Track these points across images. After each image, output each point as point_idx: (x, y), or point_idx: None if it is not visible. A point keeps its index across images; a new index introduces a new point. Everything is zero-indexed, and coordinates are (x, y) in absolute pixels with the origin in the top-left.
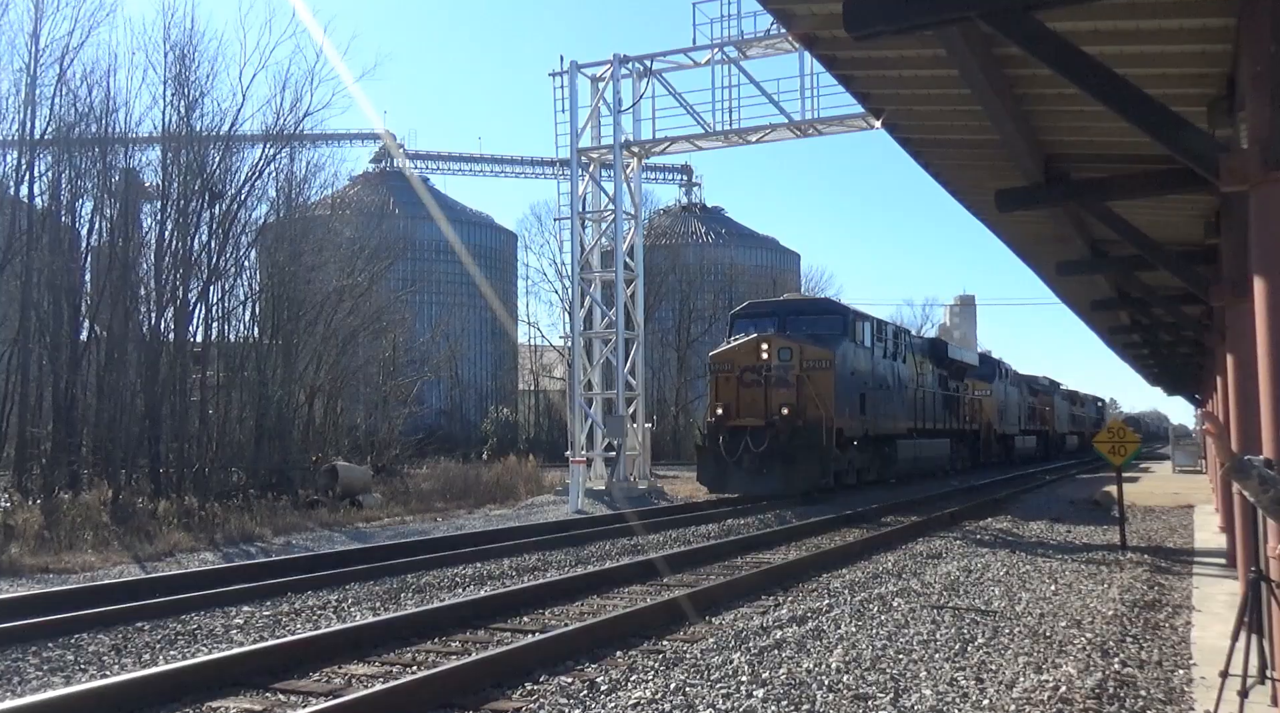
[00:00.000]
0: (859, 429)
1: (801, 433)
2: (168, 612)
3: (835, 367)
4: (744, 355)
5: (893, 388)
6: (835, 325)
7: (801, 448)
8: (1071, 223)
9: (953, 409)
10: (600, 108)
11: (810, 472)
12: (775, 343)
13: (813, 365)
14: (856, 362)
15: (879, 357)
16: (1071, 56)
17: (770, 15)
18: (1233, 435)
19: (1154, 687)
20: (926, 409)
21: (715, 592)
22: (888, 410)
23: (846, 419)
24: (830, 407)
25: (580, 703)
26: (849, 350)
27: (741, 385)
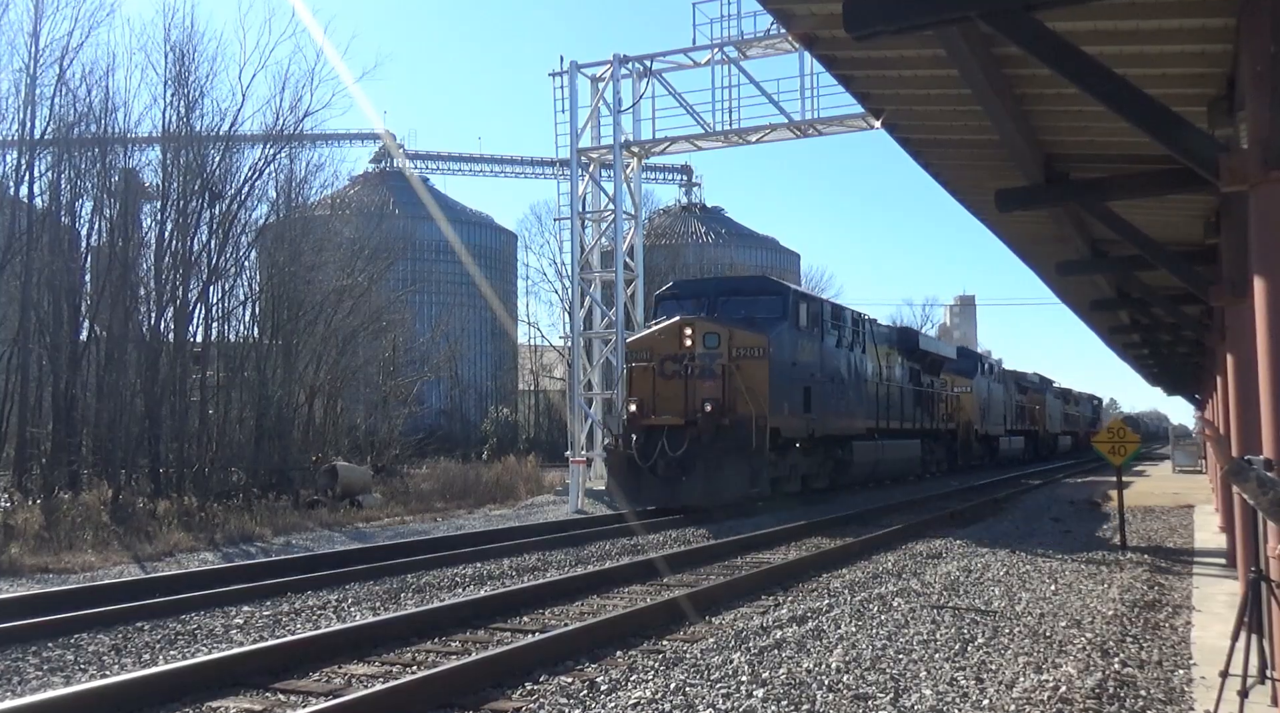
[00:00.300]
0: (802, 429)
1: (728, 433)
2: (168, 612)
3: (771, 355)
4: (664, 342)
5: (848, 382)
6: (774, 307)
7: (728, 451)
8: (1071, 223)
9: (926, 407)
10: (600, 108)
11: (738, 479)
12: (700, 327)
13: (744, 354)
14: (800, 350)
15: (830, 345)
16: (1071, 56)
17: (770, 15)
18: (1233, 435)
19: (1154, 687)
20: (893, 406)
21: (715, 592)
22: (841, 407)
23: (785, 417)
24: (764, 402)
25: (580, 703)
26: (789, 336)
27: (660, 378)
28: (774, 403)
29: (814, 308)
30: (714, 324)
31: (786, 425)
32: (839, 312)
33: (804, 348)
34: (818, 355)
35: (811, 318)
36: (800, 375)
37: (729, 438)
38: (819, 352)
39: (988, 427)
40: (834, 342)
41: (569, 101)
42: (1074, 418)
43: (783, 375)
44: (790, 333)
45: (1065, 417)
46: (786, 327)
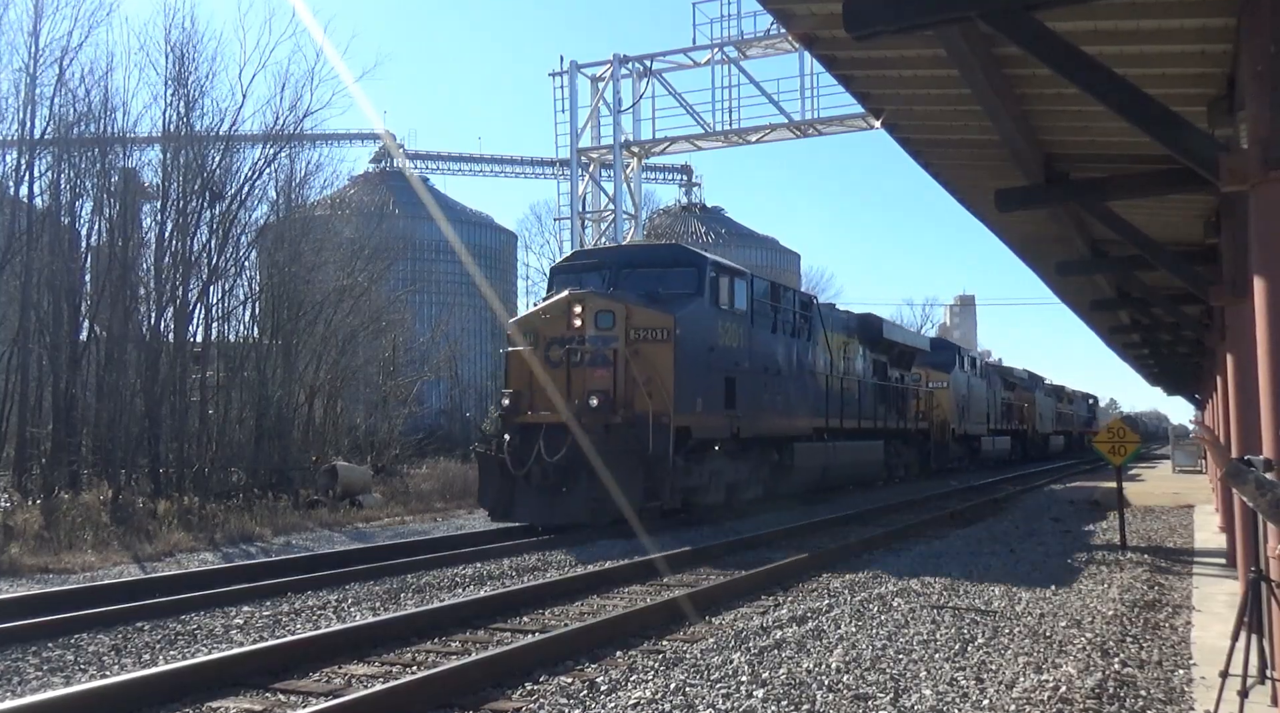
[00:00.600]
0: (723, 428)
1: (620, 433)
2: (168, 612)
3: (678, 338)
4: (550, 323)
5: (789, 374)
6: (687, 281)
7: (619, 455)
8: (1071, 223)
9: (893, 404)
10: (600, 108)
11: (631, 489)
12: (592, 304)
13: (645, 336)
14: (721, 333)
15: (764, 330)
16: (1071, 56)
17: (770, 15)
18: (1233, 435)
19: (1154, 687)
20: (849, 403)
21: (715, 592)
22: (778, 403)
23: (698, 414)
24: (668, 395)
25: (580, 703)
26: (706, 317)
27: (546, 365)
28: (682, 397)
29: (742, 285)
30: (609, 300)
31: (700, 424)
32: (778, 291)
33: (727, 331)
34: (745, 341)
35: (737, 296)
36: (721, 364)
37: (621, 439)
38: (747, 337)
39: (968, 426)
40: (769, 326)
41: (569, 101)
42: (1068, 417)
43: (695, 363)
44: (708, 313)
45: (1058, 416)
46: (703, 305)
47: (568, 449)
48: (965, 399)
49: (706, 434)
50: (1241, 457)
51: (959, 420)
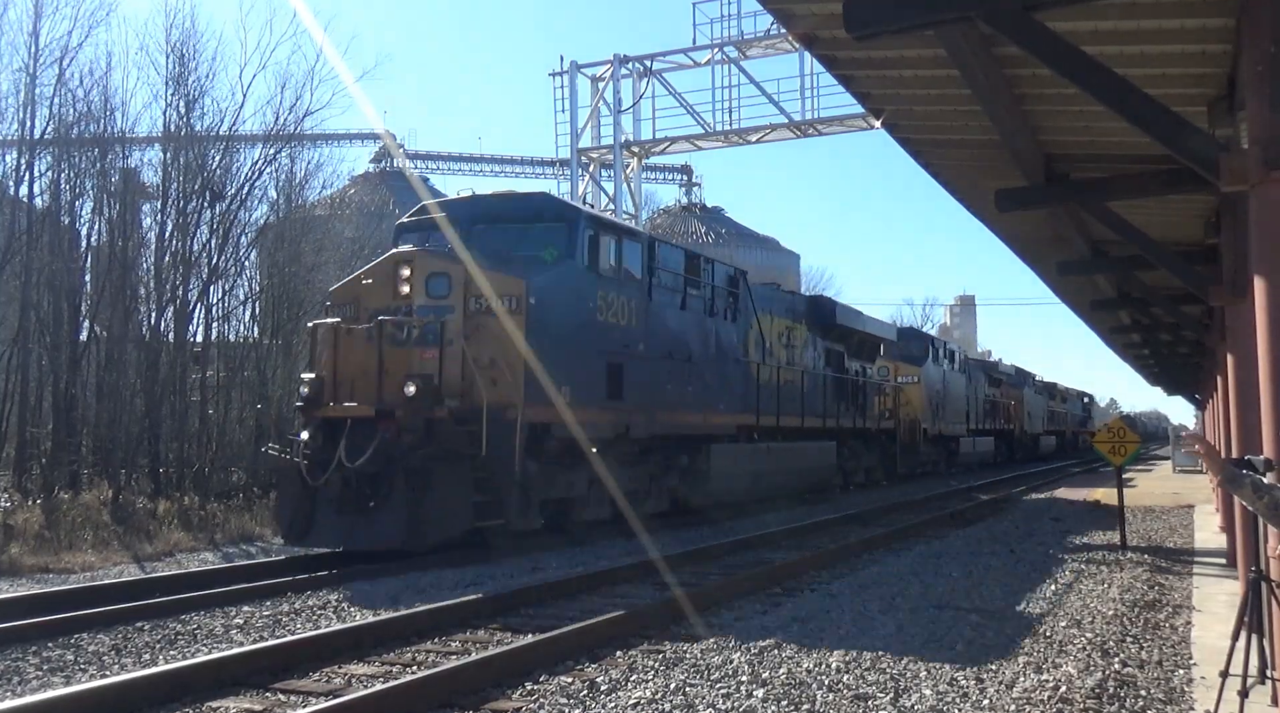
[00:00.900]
0: (605, 425)
1: (445, 431)
2: (168, 612)
3: (534, 309)
4: (373, 290)
5: (704, 360)
6: (555, 240)
7: (445, 461)
8: (1071, 223)
9: (850, 399)
10: (600, 108)
11: (460, 506)
12: (423, 265)
13: (489, 306)
14: (600, 306)
15: (670, 306)
16: (1071, 56)
17: (770, 15)
18: (1233, 435)
19: (1154, 687)
20: (790, 397)
21: (715, 592)
22: (687, 395)
23: (565, 407)
24: (517, 381)
25: (580, 703)
26: (579, 284)
27: (366, 342)
28: (538, 384)
29: (636, 248)
30: (443, 260)
31: (566, 420)
32: (696, 263)
33: (612, 305)
34: (640, 318)
35: (629, 262)
36: (603, 345)
37: (447, 439)
38: (643, 313)
39: (944, 425)
40: (678, 302)
41: (569, 101)
42: (1060, 416)
43: (561, 343)
44: (582, 280)
45: (1050, 415)
46: (574, 269)
47: (374, 451)
48: (940, 396)
49: (578, 432)
50: (1241, 457)
51: (932, 419)
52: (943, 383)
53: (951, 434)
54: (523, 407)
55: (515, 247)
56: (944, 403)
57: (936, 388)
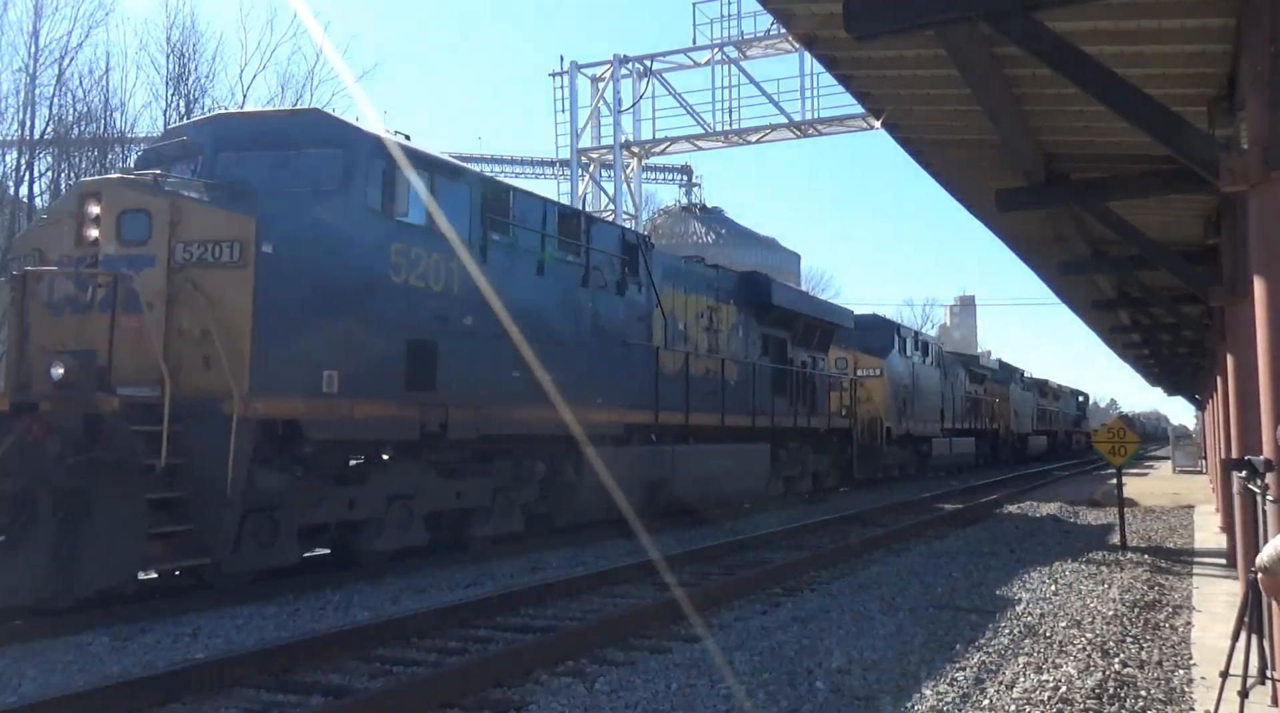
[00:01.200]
0: (401, 423)
1: (115, 434)
2: (168, 612)
3: (265, 261)
4: (53, 232)
5: (572, 341)
6: (327, 171)
7: (102, 478)
8: (1072, 223)
9: (796, 394)
10: (600, 108)
11: (118, 542)
12: (115, 199)
13: (205, 256)
14: (394, 262)
15: (518, 270)
16: (1071, 57)
17: (770, 15)
18: (1233, 436)
19: (1154, 687)
20: (708, 391)
21: (715, 592)
22: (539, 387)
23: (323, 399)
24: (240, 362)
25: (580, 703)
26: (353, 227)
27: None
28: (278, 366)
29: (457, 189)
30: (143, 193)
31: (328, 415)
32: (568, 220)
33: (417, 263)
34: (467, 283)
35: (448, 205)
36: (403, 316)
37: (120, 443)
38: (464, 276)
39: (912, 424)
40: (532, 266)
41: (569, 102)
42: (1052, 415)
43: (327, 308)
44: (362, 225)
45: (1040, 414)
46: (346, 209)
47: (3, 461)
48: (908, 391)
49: (350, 433)
50: (1241, 457)
51: (898, 417)
52: (912, 377)
53: (923, 434)
54: (246, 397)
55: (271, 175)
56: (913, 399)
57: (904, 382)
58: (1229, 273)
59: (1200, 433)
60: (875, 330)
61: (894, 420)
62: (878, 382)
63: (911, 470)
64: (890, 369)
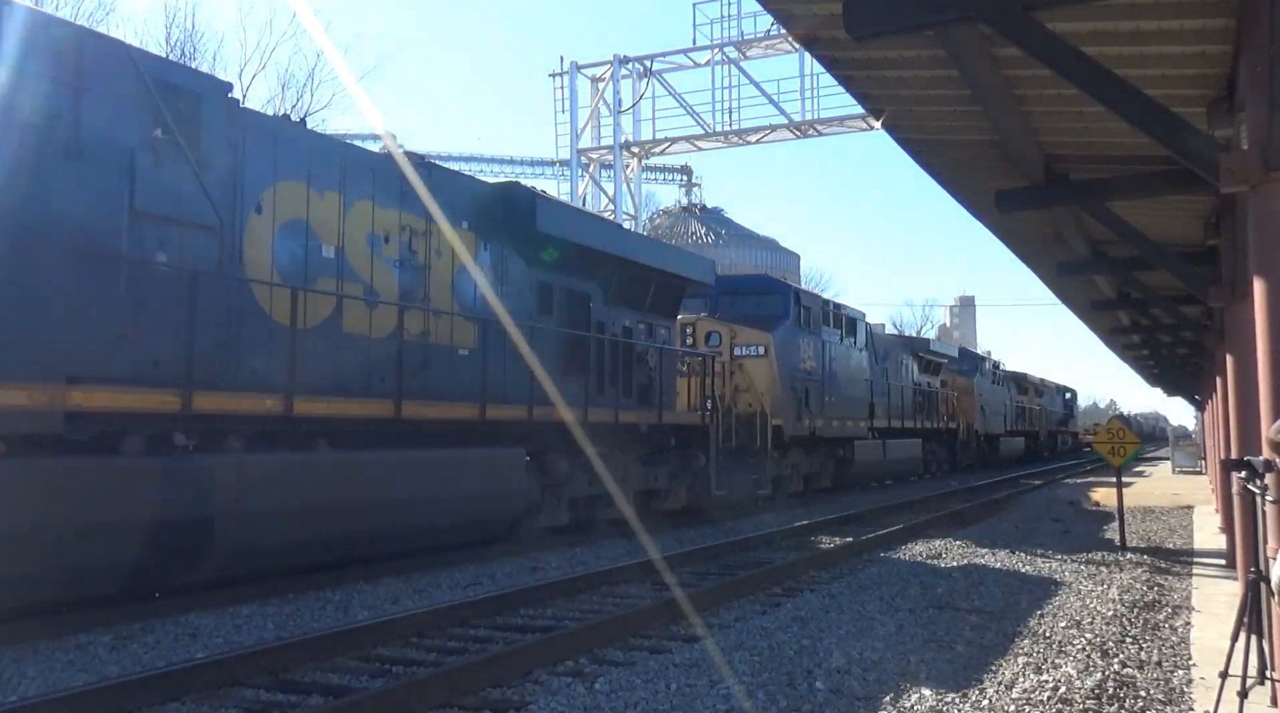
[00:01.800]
0: None
1: None
2: (168, 612)
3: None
4: None
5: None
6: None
7: None
8: (1071, 223)
9: (602, 374)
10: (600, 108)
11: None
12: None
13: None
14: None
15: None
16: (1071, 57)
17: (771, 16)
18: (1233, 436)
19: (1154, 687)
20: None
21: (715, 592)
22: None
23: None
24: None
25: (580, 703)
26: None
27: None
28: None
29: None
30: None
31: None
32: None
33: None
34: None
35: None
36: None
37: None
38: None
39: (821, 421)
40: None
41: (569, 102)
42: (1032, 413)
43: None
44: None
45: (1018, 411)
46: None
47: None
48: (815, 378)
49: None
50: (1241, 458)
51: (797, 412)
52: (820, 360)
53: (840, 435)
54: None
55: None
56: (828, 390)
57: (805, 367)
58: (1228, 273)
59: (1200, 433)
60: (763, 295)
61: (787, 416)
62: (762, 363)
63: (826, 482)
64: (780, 347)
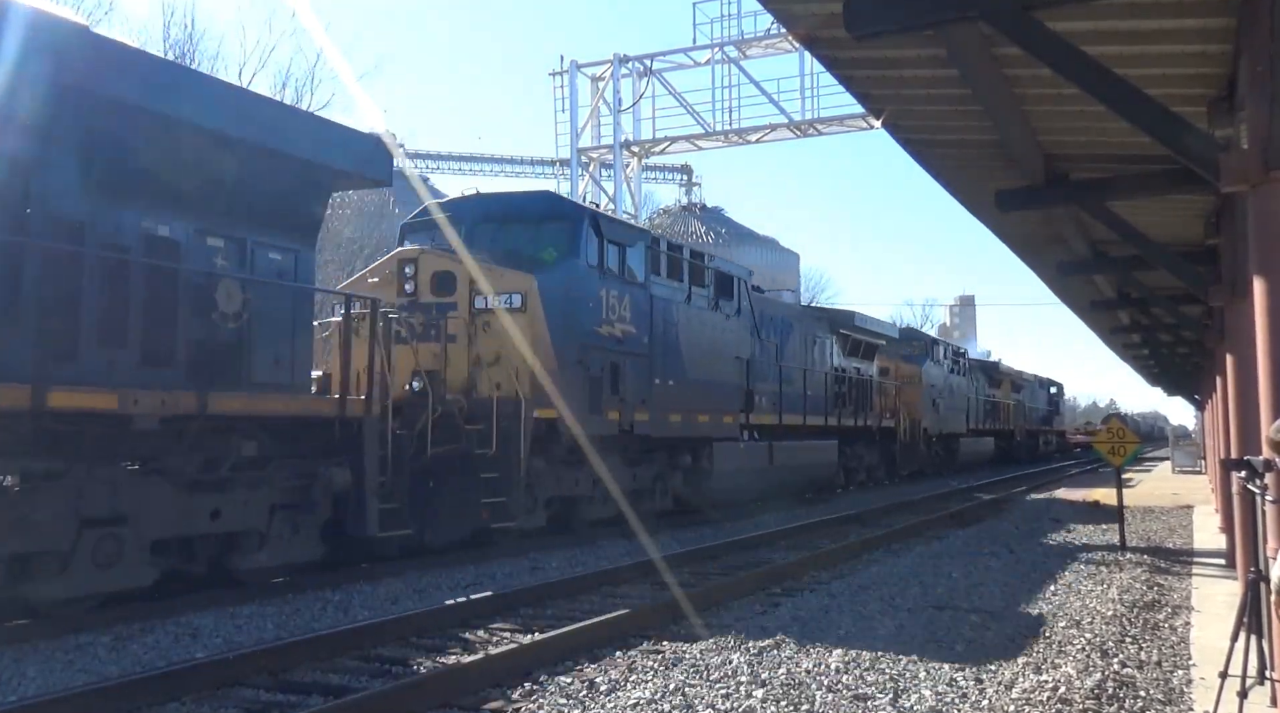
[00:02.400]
0: None
1: None
2: (168, 612)
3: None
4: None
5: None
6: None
7: None
8: (1071, 223)
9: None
10: (600, 108)
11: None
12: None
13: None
14: None
15: None
16: (1071, 57)
17: (771, 15)
18: (1233, 436)
19: (1153, 687)
20: None
21: (715, 592)
22: None
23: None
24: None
25: (580, 703)
26: None
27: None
28: None
29: None
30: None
31: None
32: None
33: None
34: None
35: None
36: None
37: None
38: None
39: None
40: None
41: (569, 101)
42: (1006, 409)
43: None
44: None
45: (990, 407)
46: None
47: None
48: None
49: None
50: (1241, 458)
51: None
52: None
53: (693, 435)
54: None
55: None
56: (655, 368)
57: (608, 331)
58: (1229, 273)
59: (1200, 433)
60: (540, 223)
61: (571, 402)
62: (521, 321)
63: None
64: (556, 298)
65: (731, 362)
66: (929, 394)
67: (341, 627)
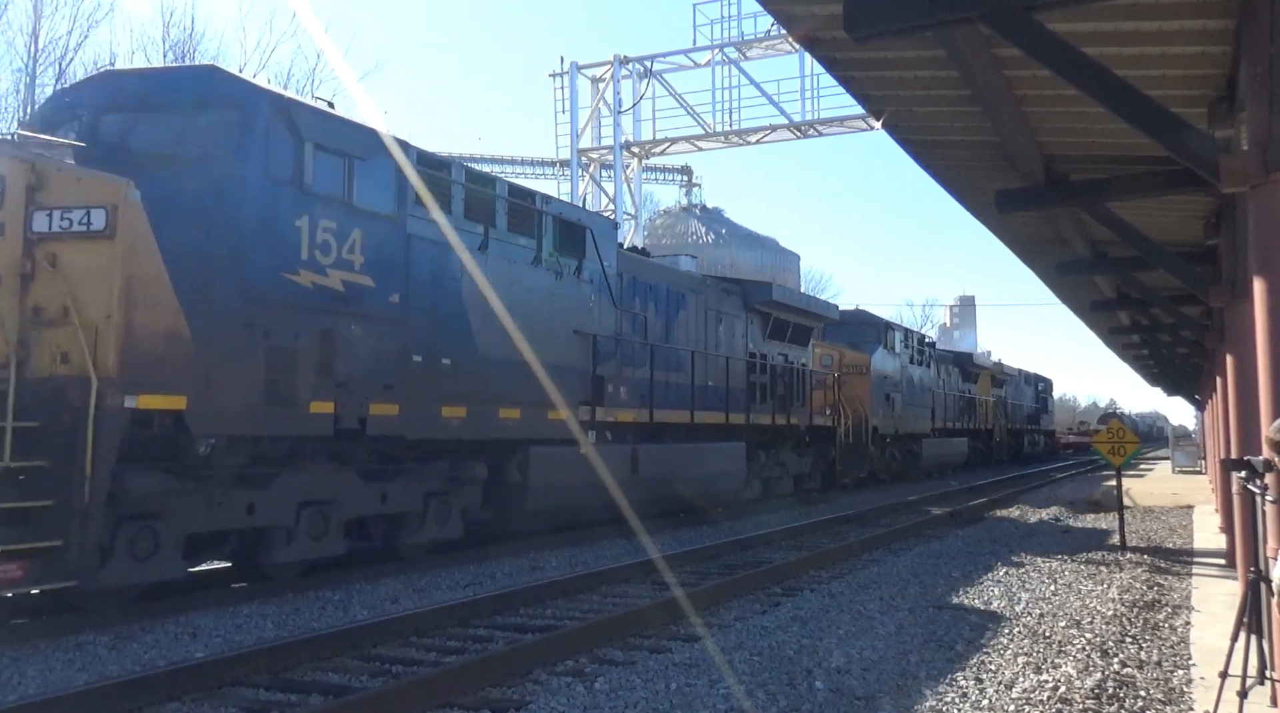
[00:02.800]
0: None
1: None
2: (168, 612)
3: None
4: None
5: None
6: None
7: None
8: (1071, 224)
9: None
10: (600, 108)
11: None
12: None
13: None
14: None
15: None
16: (1071, 58)
17: (771, 16)
18: (1233, 436)
19: (1153, 687)
20: None
21: (715, 592)
22: None
23: None
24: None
25: (580, 703)
26: None
27: None
28: None
29: None
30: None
31: None
32: None
33: None
34: None
35: None
36: None
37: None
38: None
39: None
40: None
41: (569, 102)
42: (983, 407)
43: None
44: None
45: (963, 404)
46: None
47: None
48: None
49: None
50: (1241, 458)
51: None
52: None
53: (492, 436)
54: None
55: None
56: (435, 344)
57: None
58: (1228, 273)
59: (1200, 433)
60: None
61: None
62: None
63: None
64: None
65: (568, 338)
66: (881, 387)
67: (341, 626)
